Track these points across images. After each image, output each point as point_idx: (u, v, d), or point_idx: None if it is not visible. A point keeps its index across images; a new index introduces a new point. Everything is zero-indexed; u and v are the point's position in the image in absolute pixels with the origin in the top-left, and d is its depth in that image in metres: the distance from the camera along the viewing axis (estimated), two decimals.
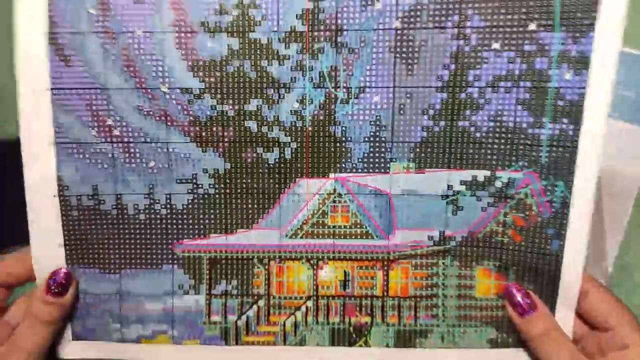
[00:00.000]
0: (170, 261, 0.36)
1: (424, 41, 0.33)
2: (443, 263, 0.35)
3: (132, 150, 0.35)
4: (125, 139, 0.34)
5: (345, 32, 0.33)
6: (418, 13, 0.32)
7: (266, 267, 0.36)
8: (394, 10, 0.32)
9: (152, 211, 0.35)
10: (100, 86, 0.34)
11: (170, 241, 0.35)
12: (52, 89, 0.34)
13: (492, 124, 0.33)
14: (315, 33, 0.33)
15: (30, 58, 0.33)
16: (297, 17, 0.33)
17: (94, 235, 0.35)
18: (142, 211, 0.35)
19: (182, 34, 0.33)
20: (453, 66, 0.33)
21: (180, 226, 0.35)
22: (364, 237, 0.35)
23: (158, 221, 0.35)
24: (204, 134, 0.34)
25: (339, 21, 0.33)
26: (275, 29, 0.33)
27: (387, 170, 0.35)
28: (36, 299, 0.34)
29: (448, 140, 0.34)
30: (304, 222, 0.35)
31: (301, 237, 0.35)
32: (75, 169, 0.35)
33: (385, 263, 0.35)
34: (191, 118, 0.34)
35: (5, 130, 0.47)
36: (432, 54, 0.33)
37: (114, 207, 0.35)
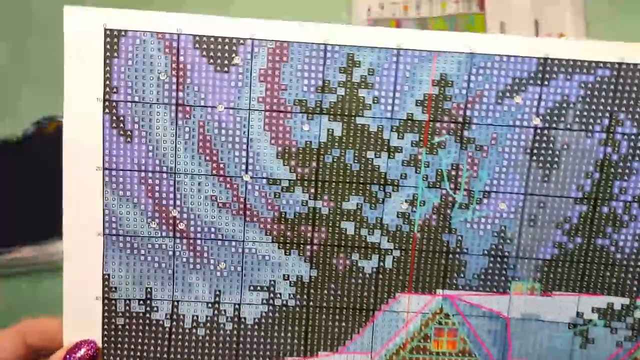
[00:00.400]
0: None
1: (566, 144, 0.27)
2: None
3: (198, 248, 0.28)
4: (192, 235, 0.28)
5: (474, 126, 0.27)
6: (563, 112, 0.27)
7: None
8: (535, 106, 0.27)
9: (215, 325, 0.28)
10: (167, 169, 0.27)
11: None
12: (104, 168, 0.27)
13: (636, 244, 0.28)
14: (437, 124, 0.27)
15: (79, 127, 0.27)
16: (417, 103, 0.27)
17: (138, 352, 0.28)
18: (202, 324, 0.28)
19: (274, 113, 0.27)
20: (597, 175, 0.28)
21: (248, 345, 0.28)
22: None
23: (221, 338, 0.28)
24: (289, 233, 0.28)
25: (468, 112, 0.27)
26: (389, 115, 0.27)
27: (507, 291, 0.29)
28: None
29: (582, 260, 0.28)
30: (402, 346, 0.29)
31: None
32: (127, 268, 0.27)
33: None
34: (276, 214, 0.28)
35: (5, 130, 0.43)
36: (574, 160, 0.27)
37: (168, 317, 0.28)
